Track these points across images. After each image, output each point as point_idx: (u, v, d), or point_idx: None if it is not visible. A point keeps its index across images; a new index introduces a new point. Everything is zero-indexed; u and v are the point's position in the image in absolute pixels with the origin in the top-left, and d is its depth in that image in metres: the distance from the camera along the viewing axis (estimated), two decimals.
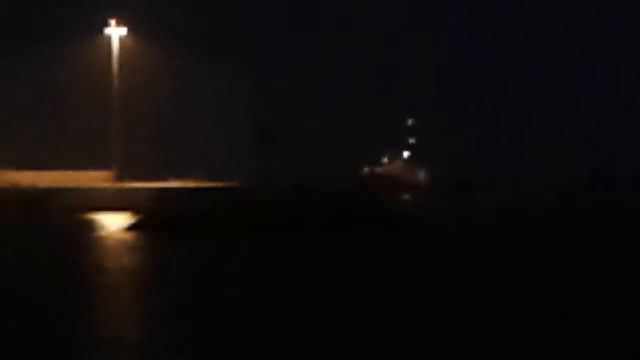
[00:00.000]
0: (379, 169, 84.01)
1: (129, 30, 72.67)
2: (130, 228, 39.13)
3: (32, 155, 75.81)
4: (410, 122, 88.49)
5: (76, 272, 22.87)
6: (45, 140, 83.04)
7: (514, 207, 61.69)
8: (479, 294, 16.95)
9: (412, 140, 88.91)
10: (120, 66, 72.39)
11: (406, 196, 69.78)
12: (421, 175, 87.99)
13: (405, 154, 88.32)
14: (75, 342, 11.65)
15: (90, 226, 44.70)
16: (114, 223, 44.41)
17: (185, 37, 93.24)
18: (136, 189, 61.36)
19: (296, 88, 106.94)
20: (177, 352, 10.59)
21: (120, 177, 68.75)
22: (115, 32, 72.33)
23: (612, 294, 16.75)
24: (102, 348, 11.10)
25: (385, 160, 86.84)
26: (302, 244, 31.25)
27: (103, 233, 39.62)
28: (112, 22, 72.32)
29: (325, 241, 32.27)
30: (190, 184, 61.08)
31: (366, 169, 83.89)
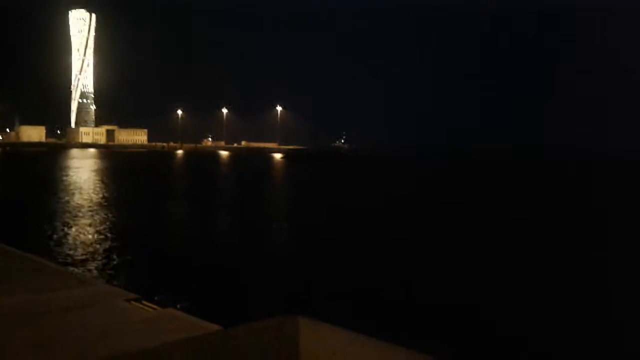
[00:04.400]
0: (334, 145, 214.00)
1: None
2: (282, 158, 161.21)
3: (252, 135, 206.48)
4: (343, 133, 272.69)
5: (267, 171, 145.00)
6: (252, 127, 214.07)
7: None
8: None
9: (344, 135, 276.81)
10: None
11: (341, 151, 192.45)
12: (346, 147, 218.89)
13: (342, 140, 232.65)
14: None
15: (271, 157, 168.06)
16: (278, 157, 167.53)
17: None
18: (283, 148, 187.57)
19: None
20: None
21: (280, 144, 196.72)
22: None
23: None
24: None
25: (336, 142, 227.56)
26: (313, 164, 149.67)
27: (275, 159, 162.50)
28: None
29: (320, 164, 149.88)
30: (296, 147, 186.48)
31: (331, 145, 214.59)
